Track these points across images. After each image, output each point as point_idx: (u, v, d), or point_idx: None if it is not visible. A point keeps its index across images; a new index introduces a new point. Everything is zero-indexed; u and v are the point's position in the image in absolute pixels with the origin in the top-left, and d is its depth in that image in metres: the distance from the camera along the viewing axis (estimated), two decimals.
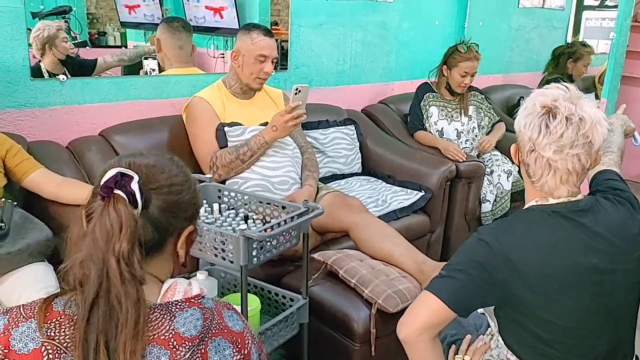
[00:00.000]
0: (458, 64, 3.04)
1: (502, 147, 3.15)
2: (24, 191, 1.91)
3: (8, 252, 1.64)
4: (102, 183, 0.88)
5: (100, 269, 0.85)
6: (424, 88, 3.17)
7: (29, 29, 2.25)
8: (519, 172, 1.51)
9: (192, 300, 0.91)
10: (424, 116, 3.12)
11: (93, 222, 0.87)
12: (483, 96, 3.28)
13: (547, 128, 1.21)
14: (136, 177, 0.88)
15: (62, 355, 0.84)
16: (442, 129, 3.12)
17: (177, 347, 0.85)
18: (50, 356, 0.83)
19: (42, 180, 1.90)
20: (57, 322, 0.85)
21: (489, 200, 3.01)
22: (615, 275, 1.24)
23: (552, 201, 1.27)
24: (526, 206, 1.32)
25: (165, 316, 0.87)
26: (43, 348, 0.83)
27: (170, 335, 0.86)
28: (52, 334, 0.84)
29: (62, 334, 0.84)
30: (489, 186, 3.03)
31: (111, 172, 0.88)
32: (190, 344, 0.86)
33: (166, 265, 0.98)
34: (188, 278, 1.02)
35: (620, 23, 2.92)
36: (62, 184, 1.91)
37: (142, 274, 0.87)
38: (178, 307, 0.89)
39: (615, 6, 3.26)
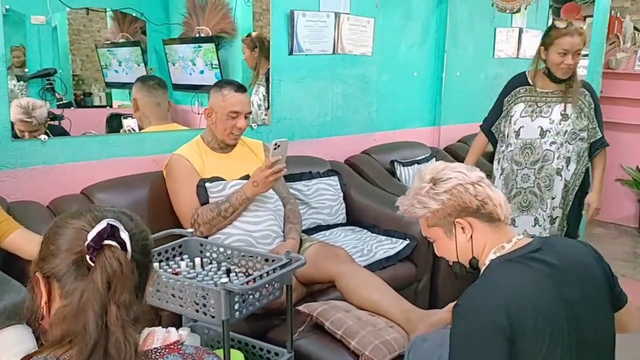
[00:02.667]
0: (554, 40, 2.55)
1: None
2: (1, 252, 1.89)
3: None
4: (91, 237, 0.88)
5: (100, 318, 0.85)
6: (517, 80, 2.77)
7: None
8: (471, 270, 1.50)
9: (172, 346, 0.90)
10: (504, 113, 2.78)
11: (91, 274, 0.88)
12: (594, 105, 2.69)
13: (455, 171, 1.35)
14: (122, 226, 0.91)
15: None
16: (520, 128, 2.70)
17: None
18: None
19: (20, 240, 1.86)
20: None
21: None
22: (588, 307, 1.25)
23: (507, 247, 1.31)
24: (487, 263, 1.33)
25: None
26: None
27: None
28: None
29: None
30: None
31: (101, 225, 0.89)
32: None
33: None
34: None
35: (591, 70, 3.02)
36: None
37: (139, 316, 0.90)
38: (158, 354, 0.88)
39: (587, 55, 3.38)
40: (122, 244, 0.90)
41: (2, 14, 2.13)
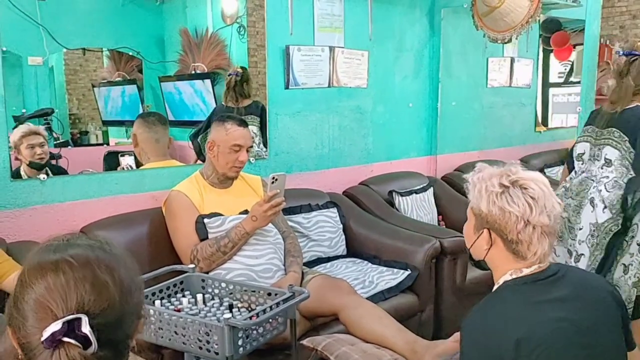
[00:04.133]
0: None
1: None
2: (2, 294, 1.86)
3: None
4: (45, 337, 0.79)
5: None
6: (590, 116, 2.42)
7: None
8: (475, 263, 1.49)
9: None
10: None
11: None
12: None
13: (533, 199, 1.26)
14: (85, 318, 0.80)
15: None
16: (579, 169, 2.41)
17: None
18: None
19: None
20: None
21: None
22: (600, 334, 1.24)
23: (525, 271, 1.30)
24: (500, 281, 1.33)
25: None
26: None
27: None
28: None
29: None
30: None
31: (55, 327, 0.79)
32: None
33: None
34: None
35: (584, 97, 3.06)
36: None
37: None
38: None
39: (580, 82, 3.43)
40: (85, 338, 0.79)
41: (2, 60, 2.14)
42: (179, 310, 1.77)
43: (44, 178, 2.29)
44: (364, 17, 3.41)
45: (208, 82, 3.11)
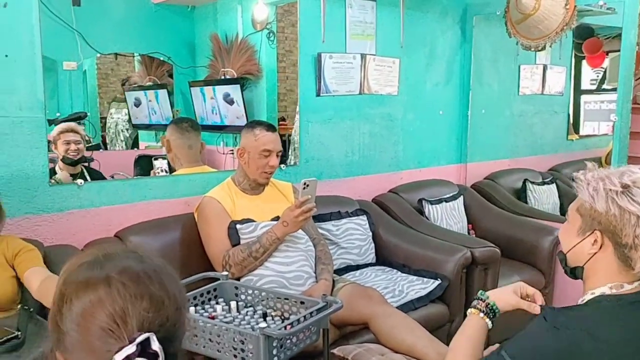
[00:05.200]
0: None
1: None
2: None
3: None
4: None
5: None
6: None
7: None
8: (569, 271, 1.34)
9: None
10: None
11: None
12: None
13: None
14: (153, 336, 0.77)
15: None
16: None
17: None
18: None
19: (32, 277, 1.77)
20: None
21: None
22: None
23: (627, 287, 1.21)
24: (597, 293, 1.24)
25: None
26: None
27: None
28: None
29: None
30: None
31: (129, 350, 0.76)
32: None
33: None
34: None
35: (620, 106, 3.00)
36: (46, 281, 1.74)
37: None
38: None
39: (613, 89, 3.37)
40: (154, 356, 0.77)
41: (43, 65, 2.19)
42: (213, 318, 1.78)
43: (81, 183, 2.33)
44: (396, 25, 3.40)
45: (237, 87, 3.14)
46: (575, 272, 1.30)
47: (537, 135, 4.46)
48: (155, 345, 0.77)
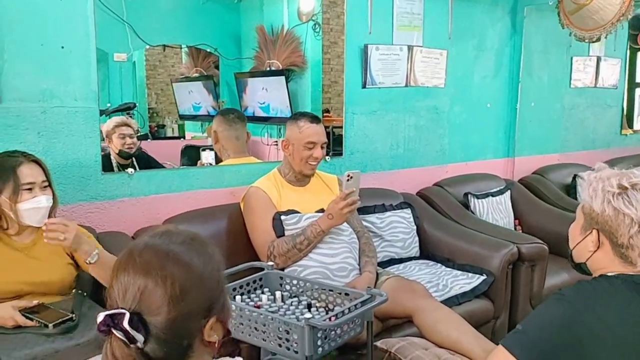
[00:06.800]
0: None
1: None
2: (94, 282, 1.96)
3: (77, 344, 1.66)
4: (99, 321, 0.87)
5: None
6: None
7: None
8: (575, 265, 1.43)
9: None
10: None
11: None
12: None
13: None
14: (127, 315, 0.85)
15: None
16: None
17: None
18: None
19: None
20: None
21: None
22: None
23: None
24: (609, 274, 1.30)
25: None
26: None
27: None
28: None
29: None
30: None
31: (100, 317, 0.86)
32: None
33: (206, 355, 0.95)
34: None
35: None
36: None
37: None
38: None
39: None
40: (127, 332, 0.85)
41: (96, 57, 2.25)
42: (258, 307, 1.80)
43: (131, 172, 2.39)
44: (443, 16, 3.35)
45: (282, 78, 3.15)
46: (581, 267, 1.38)
47: (589, 130, 4.33)
48: (126, 325, 0.85)
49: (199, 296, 0.91)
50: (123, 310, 0.85)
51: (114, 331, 0.85)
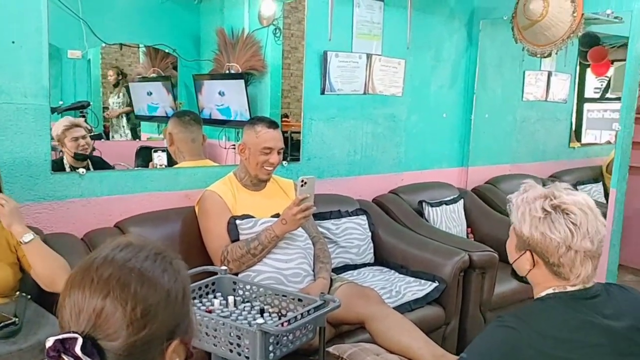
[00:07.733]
0: None
1: None
2: (37, 284, 1.89)
3: (20, 349, 1.61)
4: (48, 346, 0.79)
5: None
6: None
7: None
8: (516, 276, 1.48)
9: None
10: None
11: None
12: None
13: (574, 225, 1.27)
14: (79, 340, 0.78)
15: None
16: None
17: None
18: None
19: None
20: None
21: None
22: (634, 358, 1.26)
23: (569, 289, 1.31)
24: (543, 294, 1.35)
25: None
26: None
27: None
28: None
29: None
30: None
31: (49, 343, 0.79)
32: None
33: None
34: None
35: (624, 115, 3.00)
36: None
37: None
38: None
39: (617, 99, 3.37)
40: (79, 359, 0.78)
41: (48, 53, 2.19)
42: (210, 312, 1.78)
43: (83, 172, 2.33)
44: (402, 26, 3.40)
45: (242, 82, 3.13)
46: (523, 280, 1.42)
47: (539, 142, 4.45)
48: (79, 352, 0.78)
49: (163, 319, 0.83)
50: (75, 335, 0.78)
51: (65, 357, 0.78)
